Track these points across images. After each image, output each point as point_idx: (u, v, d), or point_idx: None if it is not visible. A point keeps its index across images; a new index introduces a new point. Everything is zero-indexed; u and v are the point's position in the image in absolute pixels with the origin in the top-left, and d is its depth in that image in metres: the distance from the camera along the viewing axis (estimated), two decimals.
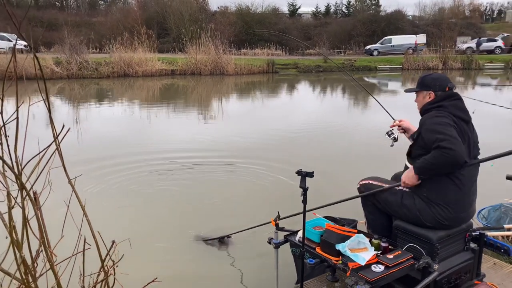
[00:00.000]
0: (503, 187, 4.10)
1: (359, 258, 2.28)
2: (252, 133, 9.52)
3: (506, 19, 58.07)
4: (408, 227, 2.60)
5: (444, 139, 2.29)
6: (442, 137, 2.30)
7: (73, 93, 18.22)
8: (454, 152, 2.25)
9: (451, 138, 2.28)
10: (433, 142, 2.34)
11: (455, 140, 2.28)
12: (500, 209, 4.29)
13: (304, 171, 2.40)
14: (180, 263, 3.98)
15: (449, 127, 2.35)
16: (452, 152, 2.25)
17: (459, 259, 2.60)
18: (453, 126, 2.39)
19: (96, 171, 6.47)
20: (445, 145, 2.27)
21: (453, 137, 2.29)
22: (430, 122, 2.45)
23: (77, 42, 23.03)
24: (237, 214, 4.96)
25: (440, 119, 2.42)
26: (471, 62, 29.14)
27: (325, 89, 20.73)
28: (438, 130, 2.35)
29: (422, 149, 2.48)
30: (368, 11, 46.73)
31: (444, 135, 2.30)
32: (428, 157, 2.38)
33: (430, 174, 2.45)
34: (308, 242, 2.65)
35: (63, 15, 40.69)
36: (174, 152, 7.71)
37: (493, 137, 7.26)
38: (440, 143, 2.29)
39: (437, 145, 2.30)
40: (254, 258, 3.98)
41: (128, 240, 2.41)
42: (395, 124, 2.99)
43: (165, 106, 14.59)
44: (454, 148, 2.25)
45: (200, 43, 25.54)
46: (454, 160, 2.28)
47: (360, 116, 13.09)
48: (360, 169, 6.31)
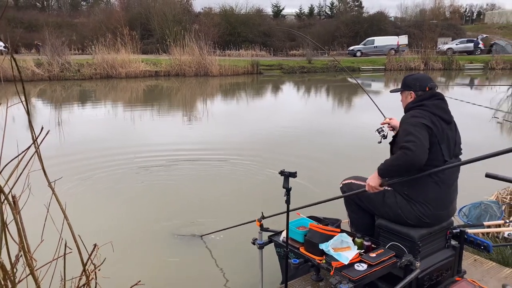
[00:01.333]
0: (483, 185, 4.17)
1: (342, 257, 2.30)
2: (237, 134, 9.53)
3: (485, 21, 59.27)
4: (390, 226, 2.63)
5: (410, 141, 2.34)
6: (409, 138, 2.36)
7: (54, 95, 17.95)
8: (413, 154, 2.30)
9: (416, 141, 2.33)
10: (402, 141, 2.40)
11: (419, 143, 2.33)
12: (481, 206, 4.37)
13: (287, 172, 2.42)
14: (163, 264, 3.95)
15: (421, 129, 2.40)
16: (412, 154, 2.30)
17: (440, 256, 2.64)
18: (429, 127, 2.43)
19: (77, 173, 6.40)
20: (408, 146, 2.33)
21: (419, 140, 2.34)
22: (406, 122, 2.50)
23: (59, 43, 22.68)
24: (221, 214, 4.96)
25: (416, 120, 2.46)
26: (452, 63, 29.68)
27: (309, 90, 20.83)
28: (409, 131, 2.40)
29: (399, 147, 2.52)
30: (351, 13, 47.15)
31: (412, 136, 2.35)
32: (390, 158, 2.46)
33: (391, 175, 2.49)
34: (292, 242, 2.66)
35: (44, 16, 40.01)
36: (156, 153, 7.66)
37: (473, 136, 7.41)
38: (405, 143, 2.35)
39: (402, 145, 2.37)
40: (239, 258, 3.99)
41: (111, 243, 2.39)
42: (386, 121, 3.03)
43: (149, 107, 14.48)
44: (414, 151, 2.30)
45: (184, 44, 25.40)
46: (412, 162, 2.33)
47: (344, 116, 13.20)
48: (345, 168, 6.38)
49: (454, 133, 2.60)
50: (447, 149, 2.51)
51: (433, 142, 2.44)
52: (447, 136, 2.53)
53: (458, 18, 59.58)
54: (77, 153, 7.60)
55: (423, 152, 2.33)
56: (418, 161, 2.32)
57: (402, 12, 60.09)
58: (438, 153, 2.47)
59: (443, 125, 2.52)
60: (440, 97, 2.64)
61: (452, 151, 2.55)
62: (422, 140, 2.35)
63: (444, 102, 2.63)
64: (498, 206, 4.28)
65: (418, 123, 2.43)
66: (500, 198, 4.55)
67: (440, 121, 2.51)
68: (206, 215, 4.94)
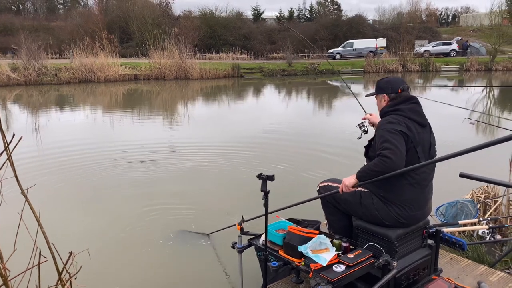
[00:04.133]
0: (458, 184, 4.27)
1: (321, 259, 2.32)
2: (216, 137, 9.49)
3: (460, 24, 60.76)
4: (368, 226, 2.67)
5: (387, 148, 2.43)
6: (387, 145, 2.44)
7: (31, 100, 17.58)
8: (392, 162, 2.39)
9: (394, 148, 2.42)
10: (379, 148, 2.48)
11: (397, 150, 2.42)
12: (457, 205, 4.46)
13: (265, 175, 2.42)
14: (139, 269, 3.89)
15: (397, 136, 2.47)
16: (390, 161, 2.39)
17: (417, 256, 2.69)
18: (405, 133, 2.49)
19: (52, 179, 6.28)
20: (386, 153, 2.41)
21: (396, 147, 2.42)
22: (383, 128, 2.55)
23: (35, 47, 22.25)
24: (201, 217, 4.92)
25: (392, 126, 2.52)
26: (429, 65, 30.30)
27: (290, 92, 20.96)
28: (386, 137, 2.47)
29: (375, 151, 2.57)
30: (330, 16, 47.67)
31: (389, 144, 2.43)
32: (369, 164, 2.54)
33: (368, 179, 2.56)
34: (271, 245, 2.67)
35: (20, 19, 39.25)
36: (134, 156, 7.58)
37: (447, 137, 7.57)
38: (383, 151, 2.44)
39: (380, 152, 2.45)
40: (218, 262, 3.97)
41: (87, 251, 2.36)
42: (366, 116, 3.09)
43: (129, 111, 14.33)
44: (393, 158, 2.39)
45: (164, 47, 25.25)
46: (390, 169, 2.43)
47: (324, 118, 13.32)
48: (324, 170, 6.44)
49: (429, 135, 2.66)
50: (422, 152, 2.57)
51: (409, 147, 2.51)
52: (423, 139, 2.58)
53: (434, 21, 61.00)
54: (52, 159, 7.44)
55: (400, 159, 2.42)
56: (396, 168, 2.41)
57: (380, 15, 61.18)
58: (414, 156, 2.52)
59: (418, 129, 2.57)
60: (415, 100, 2.69)
61: (427, 153, 2.61)
62: (399, 147, 2.43)
63: (419, 106, 2.68)
64: (473, 205, 4.38)
65: (395, 130, 2.49)
66: (475, 197, 4.66)
67: (415, 125, 2.57)
68: (188, 219, 4.89)
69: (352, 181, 2.60)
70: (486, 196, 4.65)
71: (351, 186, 2.60)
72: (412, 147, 2.51)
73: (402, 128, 2.49)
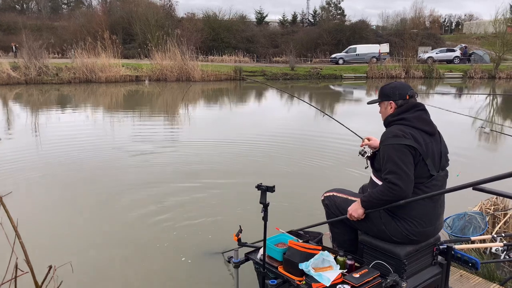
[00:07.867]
0: (467, 196, 4.08)
1: (324, 278, 2.13)
2: (219, 141, 9.30)
3: (464, 31, 60.63)
4: (375, 242, 2.48)
5: (394, 172, 2.27)
6: (394, 169, 2.28)
7: (31, 99, 17.43)
8: (400, 189, 2.26)
9: (401, 173, 2.26)
10: (384, 169, 2.33)
11: (404, 176, 2.26)
12: (465, 217, 4.27)
13: (264, 186, 2.23)
14: (125, 285, 3.55)
15: (404, 155, 2.29)
16: (398, 189, 2.26)
17: (427, 275, 2.50)
18: (412, 147, 2.30)
19: (34, 185, 6.00)
20: (393, 180, 2.26)
21: (402, 171, 2.27)
22: (388, 145, 2.37)
23: (36, 46, 22.15)
24: (196, 228, 4.65)
25: (398, 141, 2.32)
26: (432, 71, 30.12)
27: (292, 96, 20.79)
28: (393, 159, 2.30)
29: (380, 163, 2.41)
30: (334, 21, 47.59)
31: (396, 167, 2.27)
32: (374, 192, 2.38)
33: (375, 208, 2.41)
34: (270, 261, 2.48)
35: (23, 18, 39.26)
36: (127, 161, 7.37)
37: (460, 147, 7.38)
38: (389, 176, 2.28)
39: (386, 177, 2.30)
40: (213, 277, 3.71)
41: (70, 264, 2.18)
42: (365, 143, 2.87)
43: (130, 113, 14.15)
44: (400, 185, 2.25)
45: (166, 49, 25.15)
46: (399, 197, 2.29)
47: (327, 125, 13.11)
48: (327, 180, 6.22)
49: (439, 144, 2.46)
50: (433, 163, 2.37)
51: (418, 160, 2.33)
52: (432, 150, 2.39)
53: (437, 28, 60.92)
54: (34, 164, 7.10)
55: (408, 184, 2.27)
56: (405, 195, 2.27)
57: (383, 21, 61.21)
58: (424, 169, 2.34)
59: (426, 139, 2.38)
60: (421, 107, 2.49)
61: (437, 164, 2.42)
62: (407, 171, 2.27)
63: (426, 113, 2.49)
64: (482, 217, 4.18)
65: (401, 147, 2.30)
66: (484, 209, 4.46)
67: (423, 135, 2.37)
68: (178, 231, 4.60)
69: (360, 212, 2.46)
70: (495, 208, 4.45)
71: (361, 215, 2.47)
72: (421, 160, 2.32)
73: (408, 142, 2.29)
